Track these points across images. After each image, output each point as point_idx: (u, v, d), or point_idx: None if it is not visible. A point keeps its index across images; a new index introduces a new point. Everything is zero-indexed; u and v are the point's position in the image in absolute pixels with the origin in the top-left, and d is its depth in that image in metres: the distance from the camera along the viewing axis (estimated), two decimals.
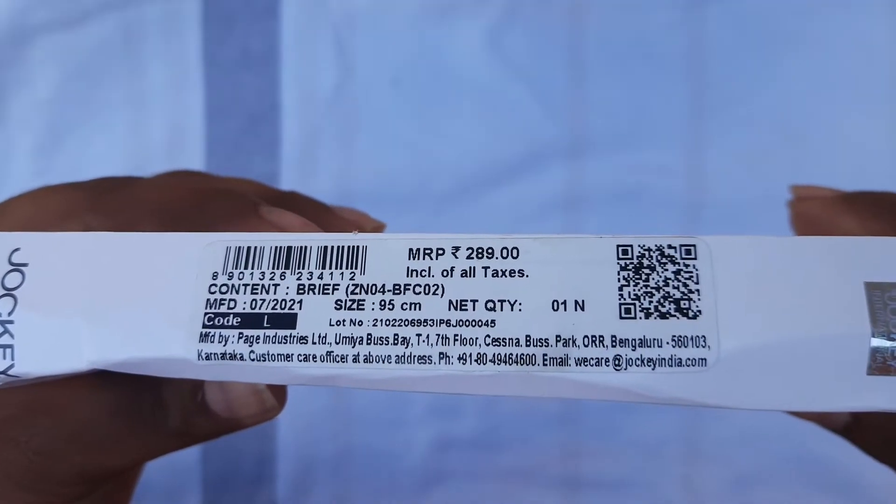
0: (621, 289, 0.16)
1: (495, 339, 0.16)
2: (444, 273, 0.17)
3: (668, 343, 0.16)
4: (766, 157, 0.41)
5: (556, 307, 0.16)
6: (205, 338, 0.17)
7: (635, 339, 0.16)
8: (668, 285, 0.16)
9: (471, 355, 0.16)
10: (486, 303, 0.16)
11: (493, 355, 0.16)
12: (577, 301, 0.16)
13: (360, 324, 0.17)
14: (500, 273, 0.17)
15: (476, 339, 0.16)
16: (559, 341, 0.16)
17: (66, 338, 0.18)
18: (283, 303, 0.17)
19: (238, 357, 0.17)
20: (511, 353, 0.16)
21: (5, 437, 0.19)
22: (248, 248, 0.18)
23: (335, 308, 0.17)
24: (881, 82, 0.41)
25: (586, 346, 0.16)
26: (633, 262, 0.16)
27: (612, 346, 0.16)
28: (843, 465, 0.41)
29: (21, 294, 0.18)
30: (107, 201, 0.21)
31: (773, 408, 0.16)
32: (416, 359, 0.16)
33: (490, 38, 0.40)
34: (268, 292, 0.17)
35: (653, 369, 0.16)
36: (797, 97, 0.41)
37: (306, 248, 0.18)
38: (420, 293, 0.17)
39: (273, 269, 0.18)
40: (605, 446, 0.41)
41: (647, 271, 0.16)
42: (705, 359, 0.16)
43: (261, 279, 0.17)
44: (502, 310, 0.16)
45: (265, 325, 0.17)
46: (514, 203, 0.40)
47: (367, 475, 0.41)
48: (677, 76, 0.41)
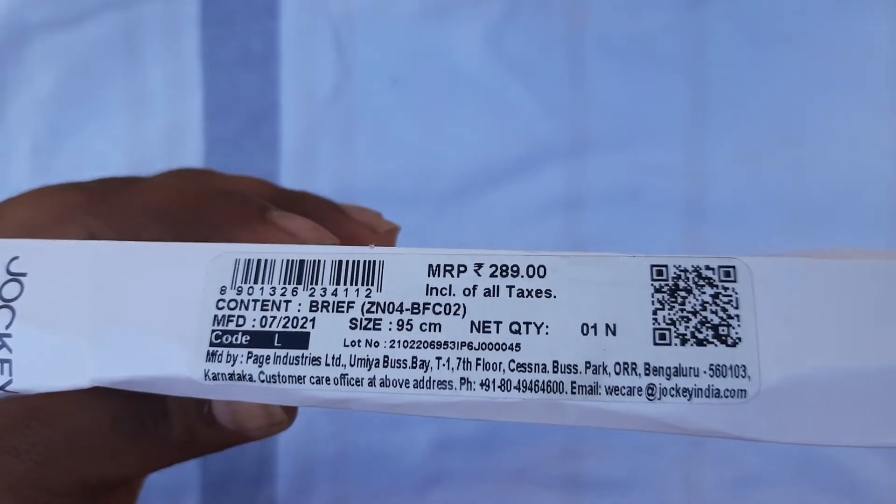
0: (655, 312, 0.15)
1: (520, 365, 0.15)
2: (466, 292, 0.16)
3: (705, 372, 0.15)
4: (765, 156, 0.41)
5: (585, 331, 0.15)
6: (212, 357, 0.16)
7: (670, 368, 0.15)
8: (705, 310, 0.15)
9: (494, 381, 0.15)
10: (511, 325, 0.16)
11: (518, 381, 0.15)
12: (608, 325, 0.15)
13: (377, 345, 0.16)
14: (526, 293, 0.16)
15: (500, 363, 0.15)
16: (589, 368, 0.15)
17: (66, 353, 0.17)
18: (295, 321, 0.16)
19: (247, 378, 0.16)
20: (537, 380, 0.15)
21: (3, 446, 0.18)
22: (259, 261, 0.17)
23: (350, 327, 0.16)
24: (881, 82, 0.41)
25: (618, 373, 0.15)
26: (668, 284, 0.16)
27: (646, 375, 0.15)
28: (844, 465, 0.41)
29: (19, 306, 0.17)
30: (107, 204, 0.20)
31: (818, 443, 0.15)
32: (435, 384, 0.16)
33: (490, 38, 0.40)
34: (279, 309, 0.17)
35: (689, 399, 0.15)
36: (797, 97, 0.41)
37: (320, 262, 0.17)
38: (440, 313, 0.16)
39: (284, 283, 0.17)
40: (605, 446, 0.41)
41: (682, 294, 0.15)
42: (745, 390, 0.15)
43: (271, 294, 0.17)
44: (528, 333, 0.16)
45: (276, 344, 0.16)
46: (514, 203, 0.40)
47: (367, 475, 0.41)
48: (677, 76, 0.41)
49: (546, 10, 0.40)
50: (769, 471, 0.42)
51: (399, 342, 0.16)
